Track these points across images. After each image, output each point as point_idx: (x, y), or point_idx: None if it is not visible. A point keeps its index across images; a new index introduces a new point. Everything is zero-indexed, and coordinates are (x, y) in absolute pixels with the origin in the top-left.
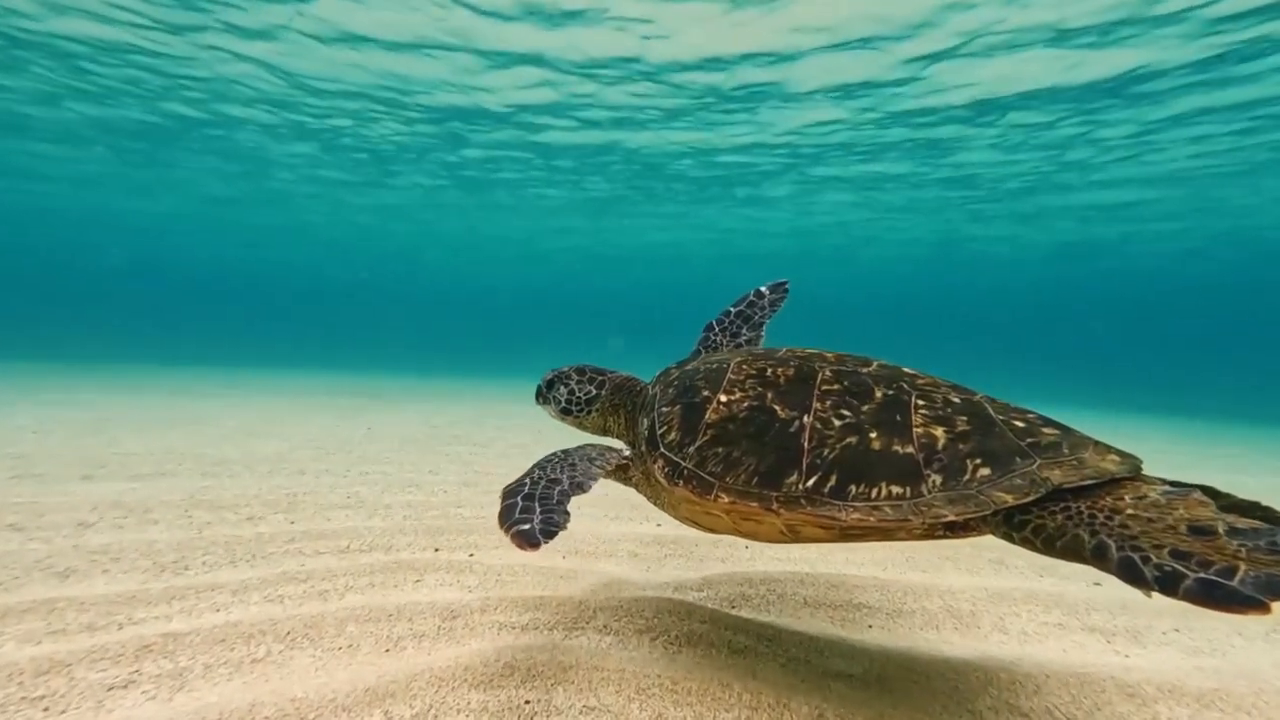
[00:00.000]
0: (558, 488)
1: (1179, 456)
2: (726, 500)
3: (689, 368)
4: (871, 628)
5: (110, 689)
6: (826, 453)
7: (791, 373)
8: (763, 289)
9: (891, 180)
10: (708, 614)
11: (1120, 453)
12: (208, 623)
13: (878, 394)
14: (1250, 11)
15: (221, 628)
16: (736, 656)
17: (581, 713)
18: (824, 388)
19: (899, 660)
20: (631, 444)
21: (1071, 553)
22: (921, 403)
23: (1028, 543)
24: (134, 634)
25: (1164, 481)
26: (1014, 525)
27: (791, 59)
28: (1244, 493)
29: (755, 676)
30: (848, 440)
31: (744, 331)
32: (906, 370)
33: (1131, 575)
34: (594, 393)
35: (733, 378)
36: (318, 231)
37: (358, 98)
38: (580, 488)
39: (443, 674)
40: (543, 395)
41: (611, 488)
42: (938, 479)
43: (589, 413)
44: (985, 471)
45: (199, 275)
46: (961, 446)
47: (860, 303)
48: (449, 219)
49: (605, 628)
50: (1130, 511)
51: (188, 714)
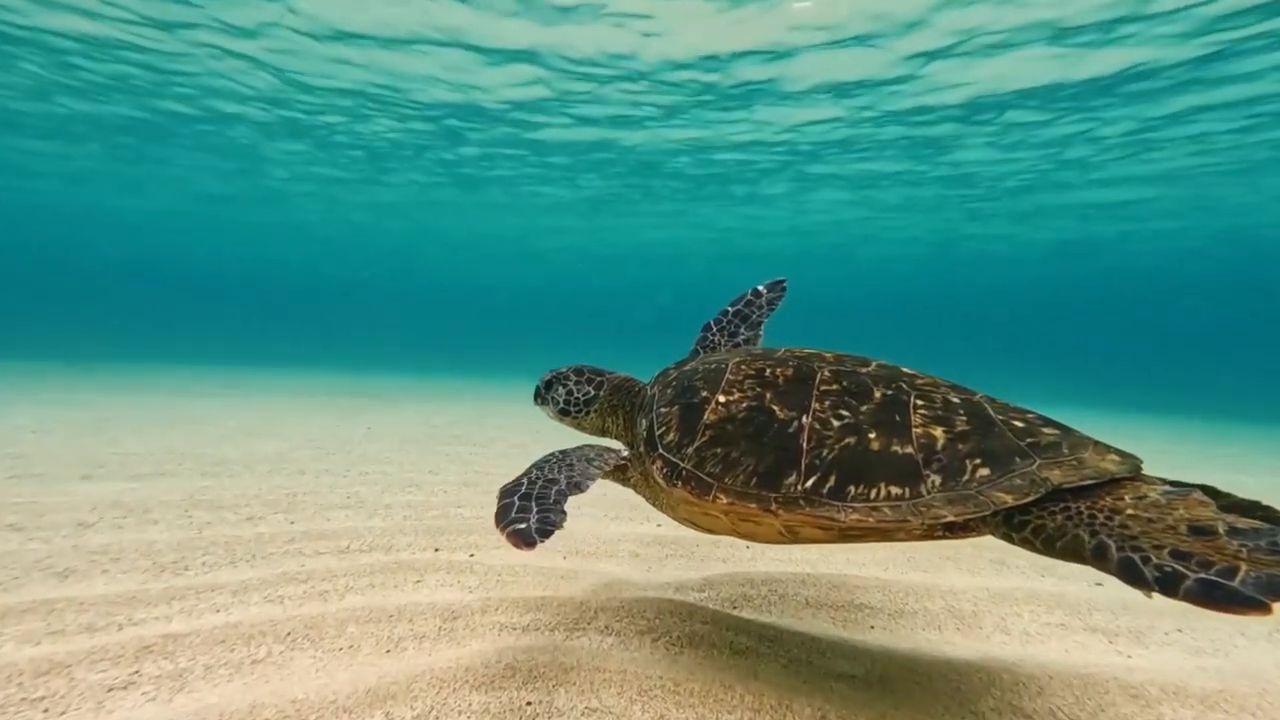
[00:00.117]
0: (555, 488)
1: (1179, 456)
2: (725, 501)
3: (687, 368)
4: (873, 628)
5: (110, 690)
6: (825, 453)
7: (790, 373)
8: (760, 288)
9: (889, 179)
10: (709, 615)
11: (1120, 452)
12: (208, 623)
13: (877, 394)
14: (1249, 9)
15: (222, 628)
16: (738, 658)
17: (583, 714)
18: (823, 388)
19: (901, 661)
20: (630, 445)
21: (1071, 553)
22: (920, 403)
23: (1027, 543)
24: (134, 635)
25: (1164, 481)
26: (1014, 526)
27: (788, 56)
28: (1244, 492)
29: (757, 678)
30: (846, 441)
31: (742, 331)
32: (905, 370)
33: (1131, 576)
34: (592, 393)
35: (731, 378)
36: (315, 230)
37: (352, 95)
38: (578, 488)
39: (444, 675)
40: (541, 396)
41: (611, 488)
42: (937, 479)
43: (587, 413)
44: (985, 472)
45: (198, 274)
46: (961, 447)
47: (859, 302)
48: (446, 217)
49: (607, 628)
50: (1130, 512)
51: (188, 715)
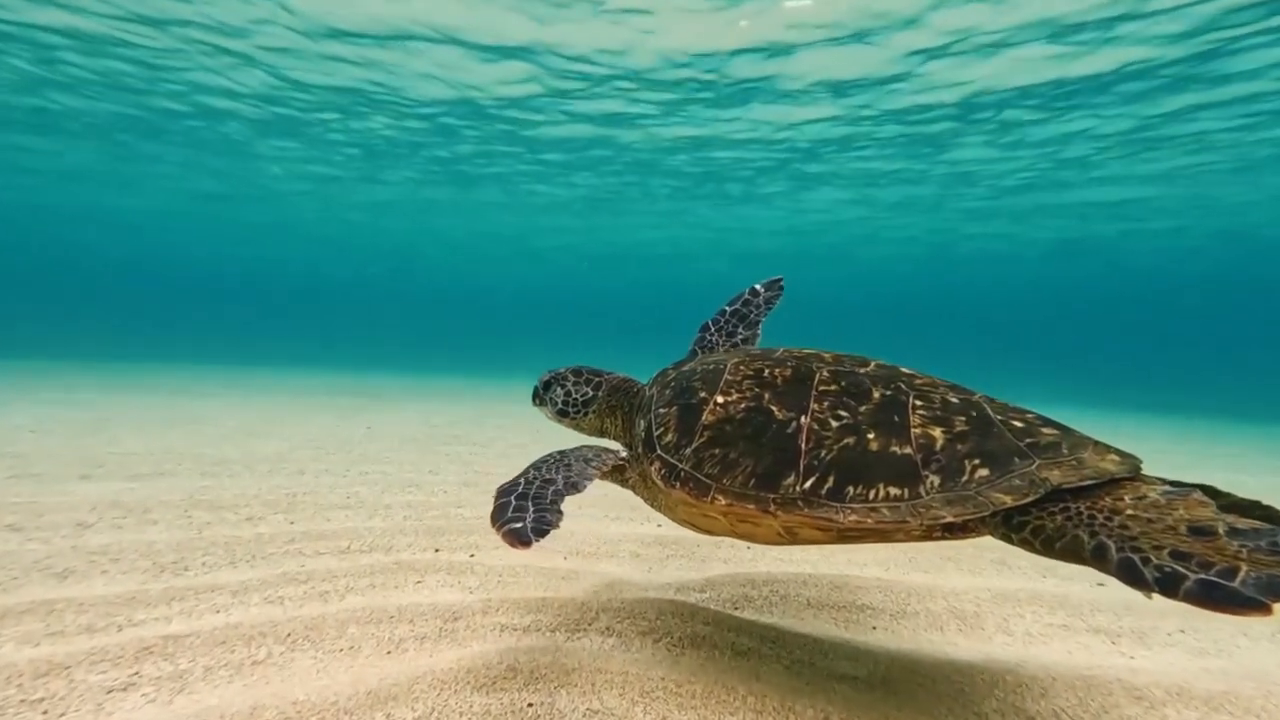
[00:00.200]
0: (552, 488)
1: (1179, 456)
2: (723, 502)
3: (685, 369)
4: (875, 629)
5: (110, 691)
6: (824, 454)
7: (789, 373)
8: (758, 287)
9: (887, 177)
10: (711, 616)
11: (1120, 452)
12: (208, 624)
13: (875, 394)
14: (1248, 5)
15: (222, 629)
16: (740, 659)
17: (585, 716)
18: (821, 388)
19: (904, 662)
20: (628, 446)
21: (1071, 554)
22: (919, 403)
23: (1027, 544)
24: (133, 636)
25: (1164, 481)
26: (1013, 526)
27: (786, 54)
28: (1244, 492)
29: (759, 679)
30: (845, 441)
31: (740, 331)
32: (904, 370)
33: (1131, 576)
34: (590, 394)
35: (729, 379)
36: (314, 229)
37: (346, 93)
38: (575, 488)
39: (445, 676)
40: (539, 397)
41: (613, 488)
42: (936, 480)
43: (586, 414)
44: (984, 472)
45: (196, 274)
46: (960, 447)
47: (858, 302)
48: (443, 216)
49: (608, 629)
50: (1130, 512)
51: (188, 717)
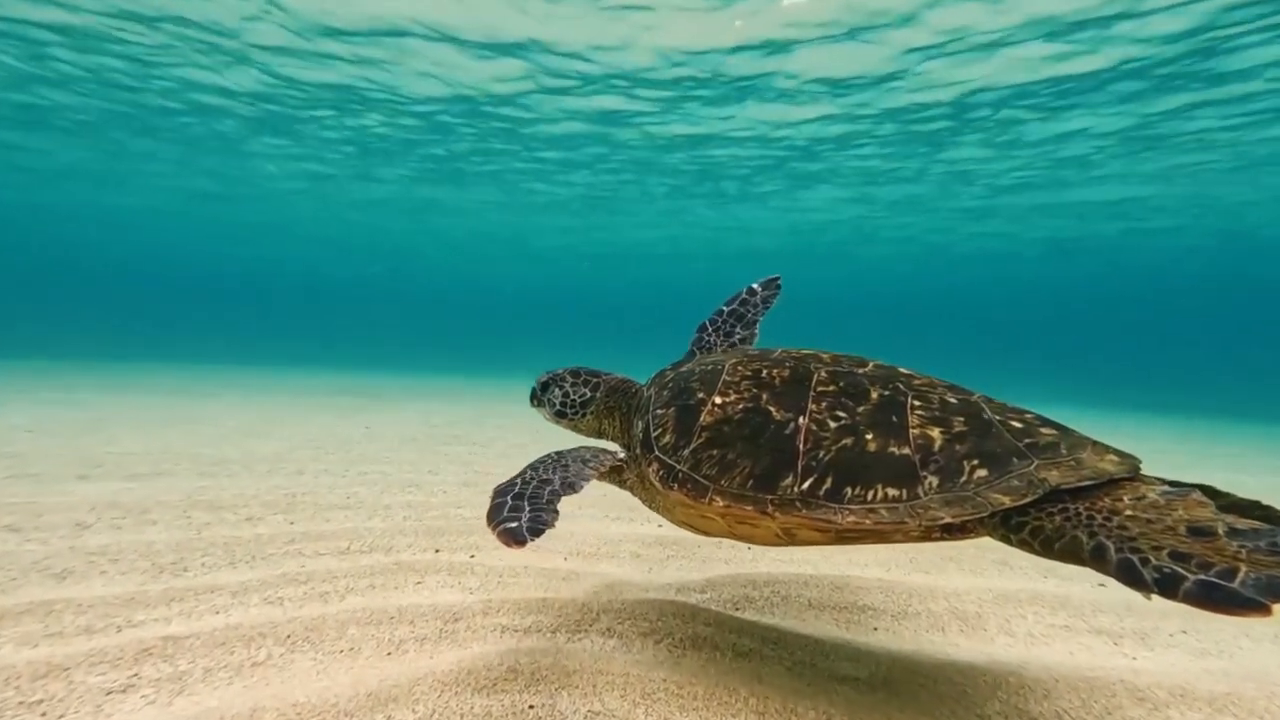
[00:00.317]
0: (548, 488)
1: (1179, 456)
2: (721, 504)
3: (684, 369)
4: (877, 630)
5: (109, 693)
6: (822, 455)
7: (786, 374)
8: (755, 286)
9: (885, 176)
10: (712, 616)
11: (1119, 453)
12: (207, 625)
13: (873, 395)
14: (1247, 2)
15: (221, 630)
16: (741, 660)
17: (587, 718)
18: (819, 389)
19: (905, 663)
20: (626, 447)
21: (1070, 555)
22: (918, 403)
23: (1025, 545)
24: (133, 637)
25: (1163, 481)
26: (1012, 527)
27: (783, 51)
28: (1244, 492)
29: (761, 681)
30: (843, 442)
31: (738, 330)
32: (903, 370)
33: (1130, 577)
34: (588, 395)
35: (727, 379)
36: (311, 228)
37: (340, 89)
38: (571, 488)
39: (445, 678)
40: (537, 398)
41: (613, 489)
42: (934, 481)
43: (584, 415)
44: (982, 473)
45: (194, 273)
46: (958, 448)
47: (856, 301)
48: (440, 215)
49: (609, 630)
50: (1129, 512)
51: (187, 719)
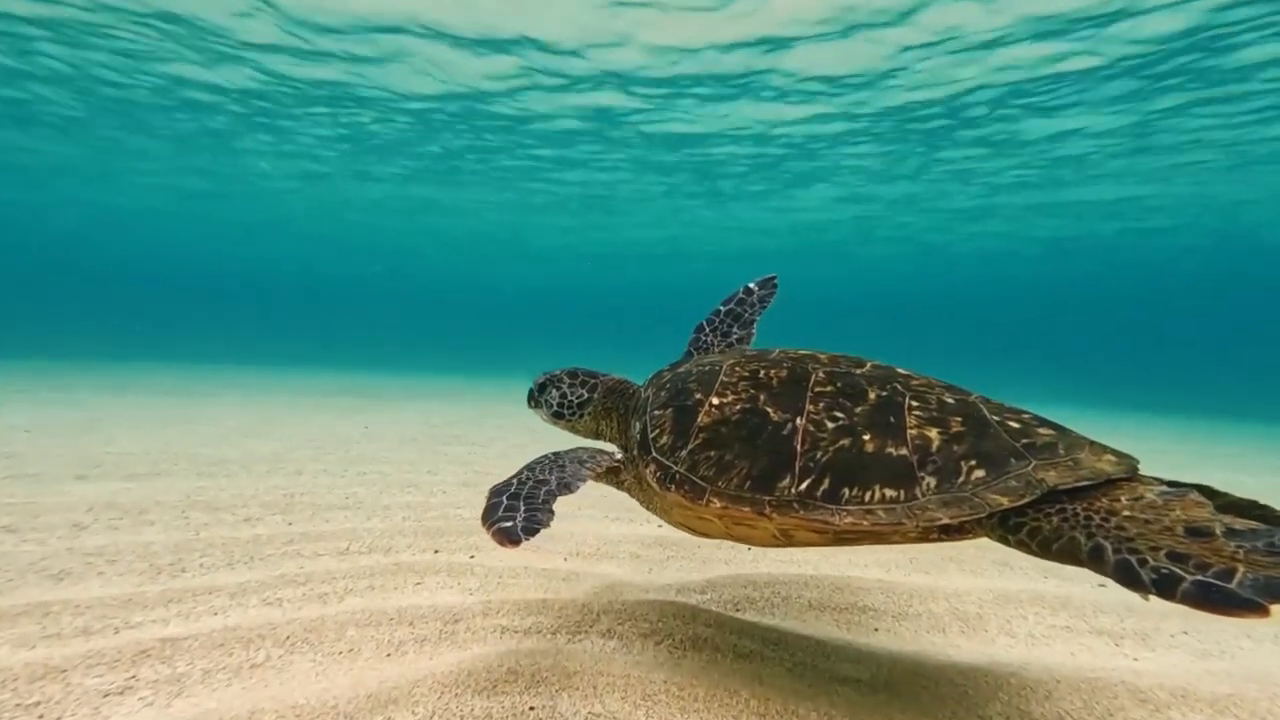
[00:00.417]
0: (544, 488)
1: (1179, 456)
2: (718, 505)
3: (681, 370)
4: (878, 631)
5: (107, 695)
6: (819, 456)
7: (784, 374)
8: (751, 285)
9: (882, 175)
10: (712, 617)
11: (1117, 453)
12: (205, 626)
13: (871, 395)
14: (1245, 2)
15: (220, 632)
16: (742, 661)
17: (587, 719)
18: (817, 389)
19: (906, 664)
20: (624, 448)
21: (1068, 555)
22: (915, 404)
23: (1023, 545)
24: (130, 638)
25: (1160, 481)
26: (1009, 528)
27: (780, 49)
28: (1244, 492)
29: (762, 682)
30: (841, 443)
31: (735, 330)
32: (900, 371)
33: (1128, 578)
34: (586, 396)
35: (725, 380)
36: (304, 226)
37: (334, 86)
38: (567, 489)
39: (445, 679)
40: (534, 399)
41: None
42: (932, 481)
43: (581, 416)
44: (980, 473)
45: (192, 273)
46: (956, 448)
47: (854, 301)
48: (437, 214)
49: (609, 631)
50: (1126, 513)
51: None
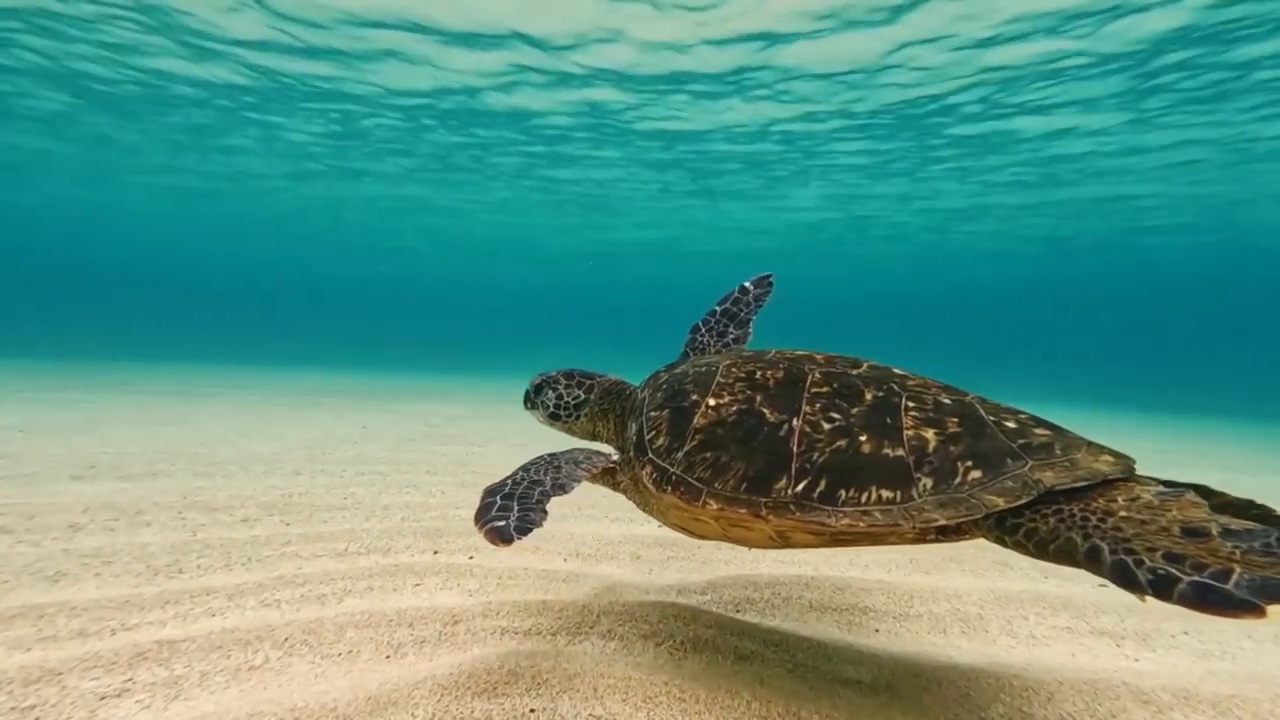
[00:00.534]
0: (539, 488)
1: (1177, 455)
2: (714, 507)
3: (678, 371)
4: (879, 632)
5: (103, 698)
6: (816, 457)
7: (780, 375)
8: (747, 284)
9: (880, 172)
10: (713, 619)
11: (1114, 453)
12: (203, 628)
13: (867, 396)
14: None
15: (218, 634)
16: (743, 663)
17: None
18: (813, 390)
19: (908, 666)
20: (620, 449)
21: (1065, 556)
22: (912, 404)
23: (1020, 546)
24: (127, 640)
25: (1157, 481)
26: (1006, 529)
27: (775, 44)
28: (1242, 491)
29: (763, 684)
30: (837, 444)
31: (731, 330)
32: (897, 371)
33: (1125, 579)
34: (582, 397)
35: (721, 381)
36: (302, 226)
37: (328, 82)
38: (562, 489)
39: (445, 681)
40: (531, 400)
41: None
42: (928, 482)
43: (577, 418)
44: (976, 474)
45: (190, 272)
46: (952, 449)
47: (851, 300)
48: (434, 213)
49: (609, 633)
50: (1123, 513)
51: None
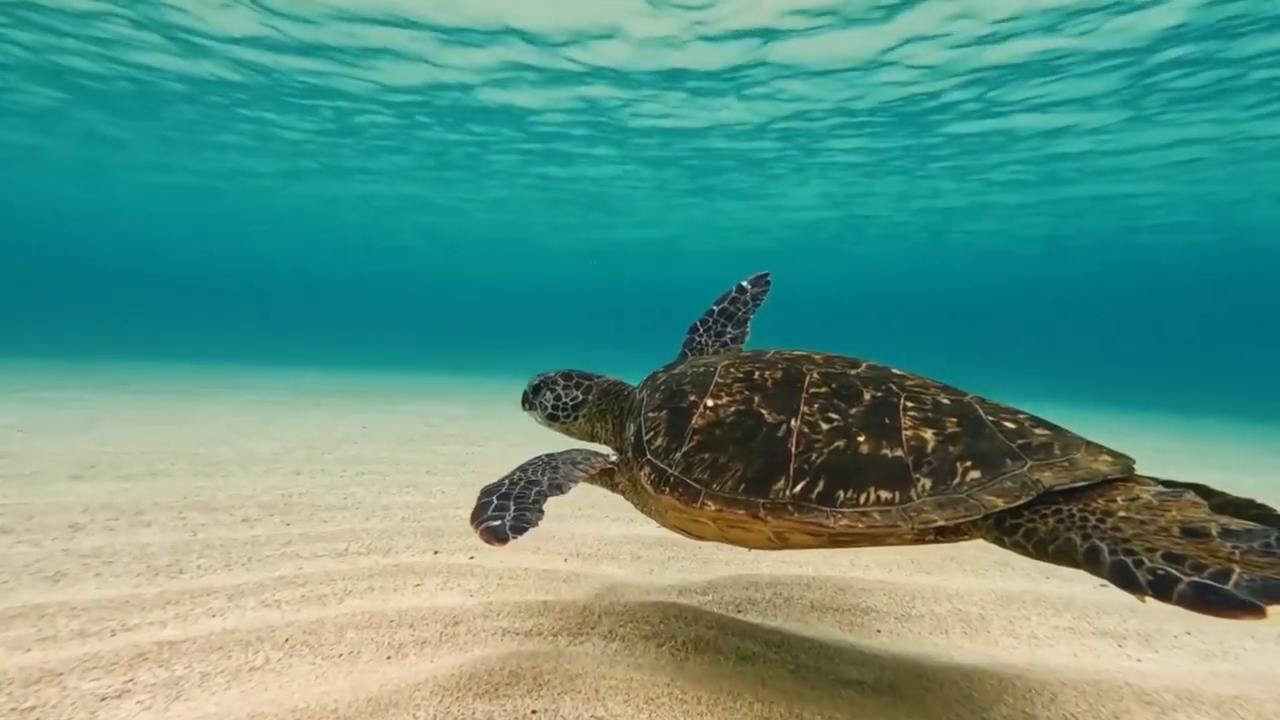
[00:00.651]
0: (535, 489)
1: (1177, 455)
2: (712, 508)
3: (676, 371)
4: (880, 632)
5: (104, 699)
6: (814, 457)
7: (779, 375)
8: (744, 284)
9: (879, 170)
10: (714, 619)
11: (1113, 453)
12: (204, 629)
13: (866, 396)
14: None
15: (218, 634)
16: (745, 664)
17: None
18: (811, 390)
19: (910, 667)
20: (619, 450)
21: (1064, 557)
22: (910, 405)
23: (1019, 547)
24: (128, 641)
25: (1157, 481)
26: (1005, 529)
27: (772, 39)
28: (1242, 491)
29: (765, 685)
30: (835, 444)
31: (729, 330)
32: (895, 371)
33: (1124, 579)
34: (581, 398)
35: (719, 381)
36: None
37: (323, 78)
38: (559, 489)
39: (447, 683)
40: (529, 401)
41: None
42: (927, 483)
43: (576, 418)
44: (975, 474)
45: (189, 272)
46: (951, 449)
47: (850, 300)
48: (430, 212)
49: (610, 633)
50: (1122, 514)
51: None
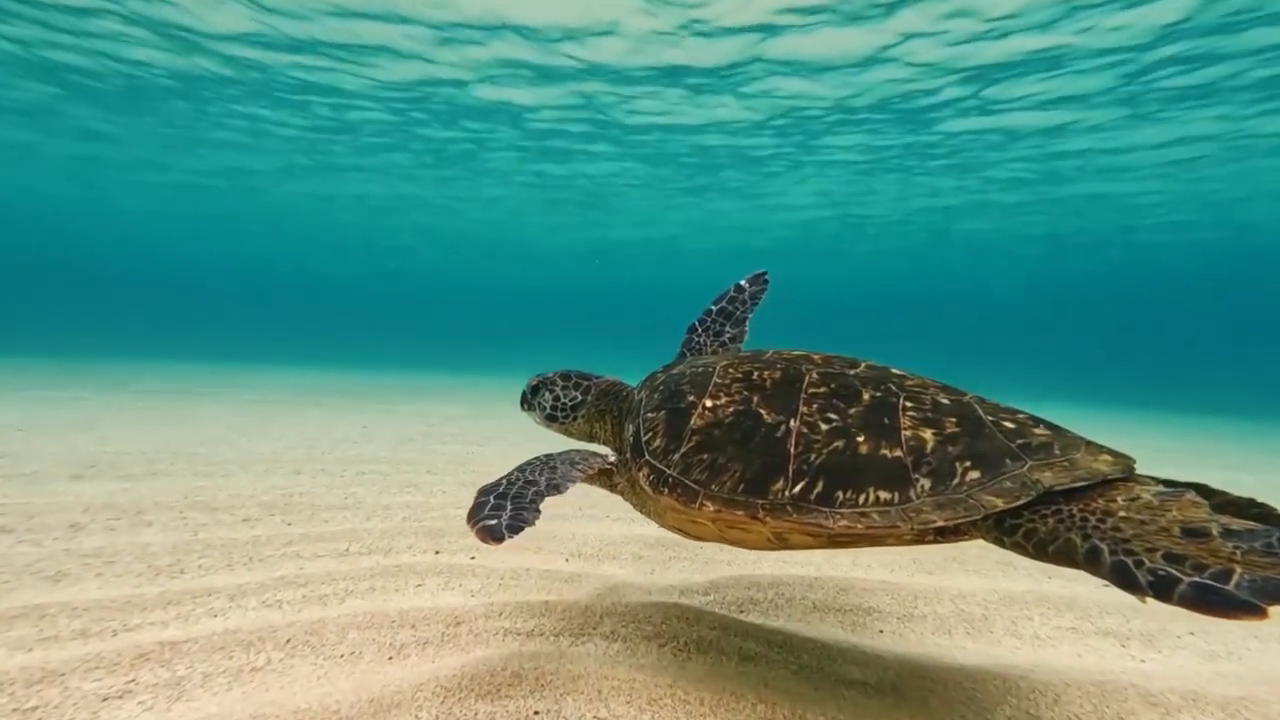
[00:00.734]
0: (533, 488)
1: (1177, 454)
2: (711, 509)
3: (675, 372)
4: (883, 633)
5: (105, 699)
6: (813, 458)
7: (778, 376)
8: (742, 283)
9: (878, 169)
10: (716, 620)
11: (1113, 453)
12: (205, 629)
13: (865, 396)
14: None
15: (220, 634)
16: (747, 664)
17: None
18: (810, 391)
19: (913, 667)
20: (617, 450)
21: (1064, 557)
22: (909, 405)
23: (1019, 547)
24: (129, 641)
25: (1157, 481)
26: (1005, 530)
27: (770, 35)
28: (1242, 490)
29: (768, 686)
30: (835, 445)
31: (727, 329)
32: (895, 371)
33: (1125, 580)
34: (579, 398)
35: (718, 382)
36: (299, 224)
37: (313, 74)
38: (557, 489)
39: (448, 683)
40: (528, 401)
41: None
42: (926, 483)
43: (574, 419)
44: (975, 475)
45: (188, 271)
46: (950, 449)
47: (849, 299)
48: (429, 211)
49: (612, 634)
50: (1123, 514)
51: None
